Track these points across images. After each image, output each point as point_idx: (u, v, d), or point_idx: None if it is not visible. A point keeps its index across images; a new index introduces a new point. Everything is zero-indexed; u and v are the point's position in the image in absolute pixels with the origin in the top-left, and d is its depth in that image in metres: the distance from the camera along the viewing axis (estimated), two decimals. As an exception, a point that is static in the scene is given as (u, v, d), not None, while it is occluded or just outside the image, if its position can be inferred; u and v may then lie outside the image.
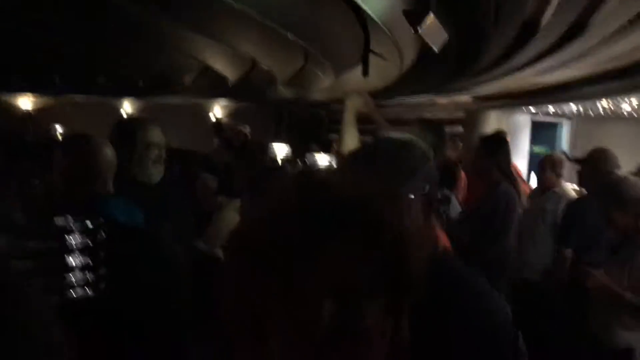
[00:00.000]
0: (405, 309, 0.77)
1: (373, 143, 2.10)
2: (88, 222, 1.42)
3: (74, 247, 1.38)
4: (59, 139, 10.50)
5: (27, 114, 12.42)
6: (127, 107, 12.59)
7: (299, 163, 7.74)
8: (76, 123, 11.76)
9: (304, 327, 0.70)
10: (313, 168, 5.84)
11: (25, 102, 12.38)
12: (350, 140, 2.81)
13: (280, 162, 7.71)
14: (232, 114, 11.99)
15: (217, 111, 12.20)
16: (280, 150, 8.50)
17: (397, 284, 0.75)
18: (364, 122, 3.04)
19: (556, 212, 4.18)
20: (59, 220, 1.43)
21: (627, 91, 5.66)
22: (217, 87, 7.49)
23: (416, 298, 0.78)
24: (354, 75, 5.58)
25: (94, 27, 5.06)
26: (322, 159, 6.08)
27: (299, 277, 0.71)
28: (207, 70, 6.62)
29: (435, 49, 3.18)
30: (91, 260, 1.41)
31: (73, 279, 1.38)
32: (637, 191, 3.09)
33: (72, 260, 1.38)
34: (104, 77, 7.05)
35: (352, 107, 2.88)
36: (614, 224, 3.17)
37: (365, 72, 4.78)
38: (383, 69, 5.21)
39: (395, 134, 2.34)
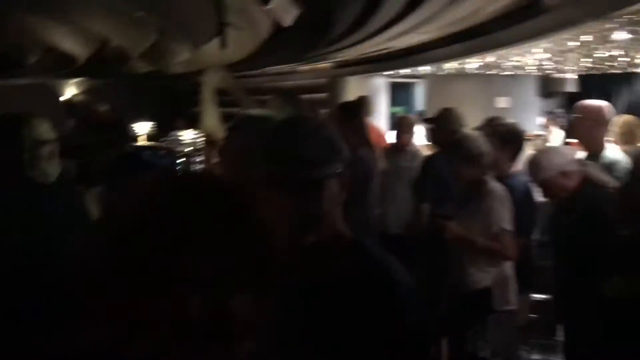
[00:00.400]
0: (272, 296, 0.79)
1: (233, 123, 2.12)
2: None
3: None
4: None
5: None
6: (-36, 92, 11.39)
7: (164, 141, 7.52)
8: None
9: (173, 324, 0.70)
10: (175, 147, 5.70)
11: None
12: (210, 117, 2.80)
13: (139, 143, 7.45)
14: (87, 93, 11.28)
15: (70, 90, 11.40)
16: (142, 128, 8.20)
17: (263, 272, 0.77)
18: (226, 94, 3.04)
19: (412, 169, 4.47)
20: None
21: (471, 52, 6.10)
22: (65, 66, 6.99)
23: (283, 284, 0.80)
24: (212, 47, 5.49)
25: None
26: (188, 135, 5.95)
27: (162, 272, 0.71)
28: (51, 51, 6.16)
29: (285, 24, 3.22)
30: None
31: None
32: (478, 146, 3.38)
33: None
34: None
35: (209, 84, 2.87)
36: (461, 177, 3.46)
37: (223, 44, 4.73)
38: (241, 41, 5.17)
39: (254, 110, 2.37)
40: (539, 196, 3.58)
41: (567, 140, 7.00)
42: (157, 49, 5.98)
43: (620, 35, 5.60)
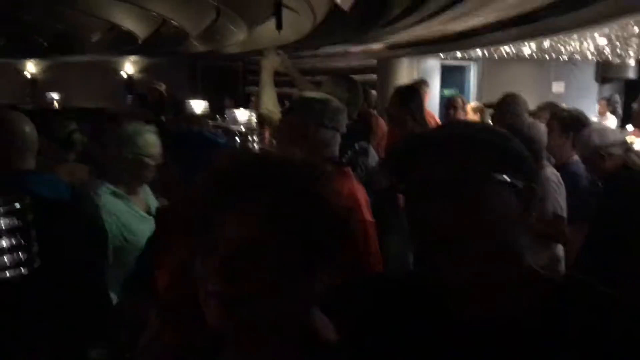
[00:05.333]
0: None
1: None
2: (16, 204, 1.45)
3: (3, 229, 1.42)
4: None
5: None
6: (30, 68, 11.91)
7: (218, 118, 7.69)
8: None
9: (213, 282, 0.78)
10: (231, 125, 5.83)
11: None
12: (268, 98, 2.89)
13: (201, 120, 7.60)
14: (145, 70, 11.61)
15: (129, 68, 11.77)
16: (198, 106, 8.38)
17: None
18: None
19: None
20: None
21: (527, 36, 5.99)
22: (126, 44, 7.24)
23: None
24: (268, 28, 5.58)
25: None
26: (242, 115, 6.07)
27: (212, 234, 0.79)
28: (113, 29, 6.39)
29: (345, 8, 3.26)
30: (22, 240, 1.45)
31: (5, 260, 1.42)
32: (537, 133, 3.36)
33: (2, 243, 1.42)
34: (3, 38, 6.64)
35: (268, 66, 2.95)
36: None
37: (278, 26, 4.81)
38: (296, 22, 5.24)
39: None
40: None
41: (624, 126, 6.81)
42: (215, 29, 6.13)
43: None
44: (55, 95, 10.71)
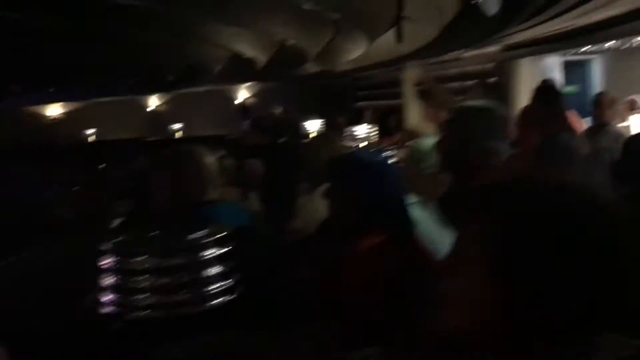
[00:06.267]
0: None
1: (458, 113, 2.10)
2: (219, 234, 1.45)
3: (209, 258, 1.42)
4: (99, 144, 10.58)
5: (55, 121, 12.60)
6: (153, 102, 12.68)
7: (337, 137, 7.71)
8: (106, 124, 11.95)
9: None
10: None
11: (54, 109, 12.54)
12: (413, 112, 2.81)
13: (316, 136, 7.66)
14: (258, 95, 11.98)
15: (243, 94, 12.21)
16: (312, 126, 8.48)
17: None
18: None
19: (612, 150, 4.12)
20: (193, 235, 1.46)
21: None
22: (245, 71, 7.49)
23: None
24: (384, 41, 5.53)
25: (115, 28, 5.09)
26: (361, 131, 6.04)
27: None
28: (235, 57, 6.63)
29: (489, 13, 3.12)
30: (227, 268, 1.45)
31: (213, 289, 1.43)
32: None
33: (209, 272, 1.42)
34: (135, 78, 7.11)
35: (410, 80, 2.88)
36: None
37: (399, 38, 4.73)
38: (416, 31, 5.14)
39: (472, 102, 2.33)
40: None
41: None
42: (332, 47, 6.16)
43: None
44: (176, 126, 11.30)
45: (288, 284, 1.87)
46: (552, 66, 8.53)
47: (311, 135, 7.88)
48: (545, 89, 3.81)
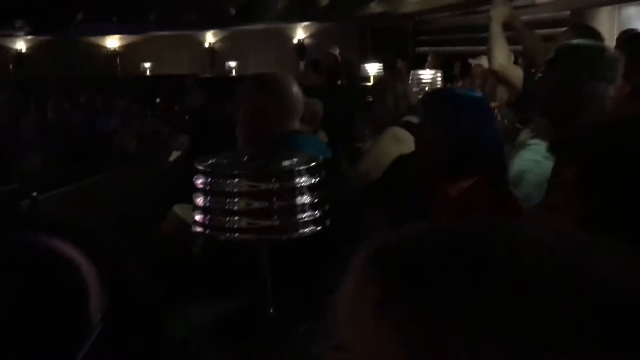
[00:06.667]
0: None
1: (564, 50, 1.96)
2: (312, 163, 1.42)
3: (303, 187, 1.40)
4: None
5: (115, 53, 12.75)
6: (210, 38, 12.63)
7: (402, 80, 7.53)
8: (162, 59, 12.01)
9: None
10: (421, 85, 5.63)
11: (113, 41, 12.67)
12: (500, 53, 2.67)
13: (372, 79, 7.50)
14: (316, 35, 11.77)
15: (300, 33, 12.01)
16: (372, 69, 8.31)
17: None
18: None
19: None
20: (286, 161, 1.44)
21: None
22: (306, 10, 7.32)
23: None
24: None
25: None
26: (427, 75, 5.86)
27: None
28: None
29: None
30: (317, 198, 1.42)
31: (304, 218, 1.40)
32: None
33: (302, 200, 1.40)
34: (195, 12, 7.04)
35: (497, 17, 2.72)
36: None
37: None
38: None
39: (578, 40, 2.18)
40: None
41: None
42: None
43: None
44: (232, 64, 11.26)
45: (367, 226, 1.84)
46: (632, 17, 8.03)
47: (371, 78, 7.73)
48: (631, 40, 3.56)
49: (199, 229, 1.44)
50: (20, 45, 12.15)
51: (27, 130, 6.29)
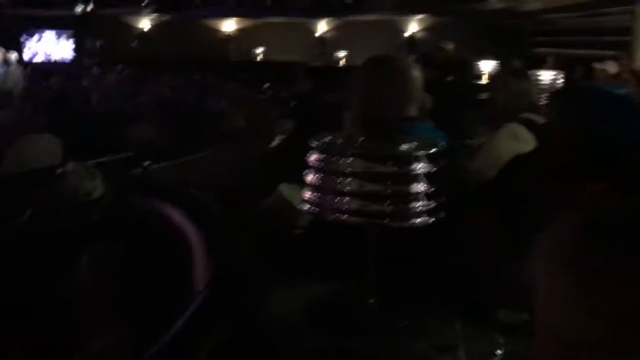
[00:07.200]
0: None
1: None
2: (433, 149, 1.33)
3: (419, 174, 1.31)
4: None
5: (229, 36, 13.15)
6: (321, 27, 12.72)
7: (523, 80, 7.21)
8: (273, 45, 12.25)
9: None
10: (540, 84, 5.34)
11: (229, 25, 13.07)
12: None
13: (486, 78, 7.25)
14: (429, 29, 11.53)
15: (413, 27, 11.81)
16: (486, 66, 8.02)
17: None
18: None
19: None
20: (404, 146, 1.36)
21: None
22: (421, 3, 7.15)
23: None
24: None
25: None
26: (546, 76, 5.54)
27: None
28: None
29: None
30: (434, 187, 1.33)
31: (418, 206, 1.32)
32: None
33: (417, 187, 1.31)
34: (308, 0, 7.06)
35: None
36: None
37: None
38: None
39: None
40: None
41: None
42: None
43: None
44: (341, 54, 11.27)
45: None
46: None
47: (486, 76, 7.49)
48: None
49: (306, 207, 1.39)
50: (144, 23, 12.82)
51: (143, 103, 6.62)
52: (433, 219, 1.34)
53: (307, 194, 1.38)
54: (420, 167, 1.31)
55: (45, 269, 1.76)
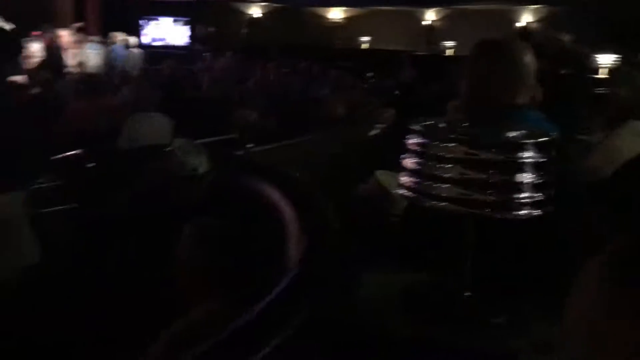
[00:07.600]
0: None
1: None
2: (543, 138, 1.25)
3: (525, 163, 1.23)
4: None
5: (335, 24, 13.20)
6: (429, 16, 12.46)
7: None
8: (380, 33, 12.15)
9: None
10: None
11: (336, 13, 13.12)
12: None
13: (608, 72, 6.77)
14: (545, 19, 10.96)
15: (527, 17, 11.28)
16: (606, 60, 7.52)
17: None
18: None
19: None
20: (511, 133, 1.29)
21: None
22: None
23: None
24: None
25: None
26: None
27: None
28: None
29: None
30: (540, 178, 1.25)
31: (522, 198, 1.24)
32: None
33: (522, 177, 1.24)
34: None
35: None
36: None
37: None
38: None
39: None
40: None
41: None
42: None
43: None
44: (448, 43, 10.98)
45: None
46: None
47: (605, 70, 7.04)
48: None
49: (404, 192, 1.35)
50: (253, 10, 13.16)
51: (250, 87, 6.81)
52: (538, 212, 1.26)
53: (404, 178, 1.34)
54: (527, 156, 1.23)
55: (152, 239, 1.84)
